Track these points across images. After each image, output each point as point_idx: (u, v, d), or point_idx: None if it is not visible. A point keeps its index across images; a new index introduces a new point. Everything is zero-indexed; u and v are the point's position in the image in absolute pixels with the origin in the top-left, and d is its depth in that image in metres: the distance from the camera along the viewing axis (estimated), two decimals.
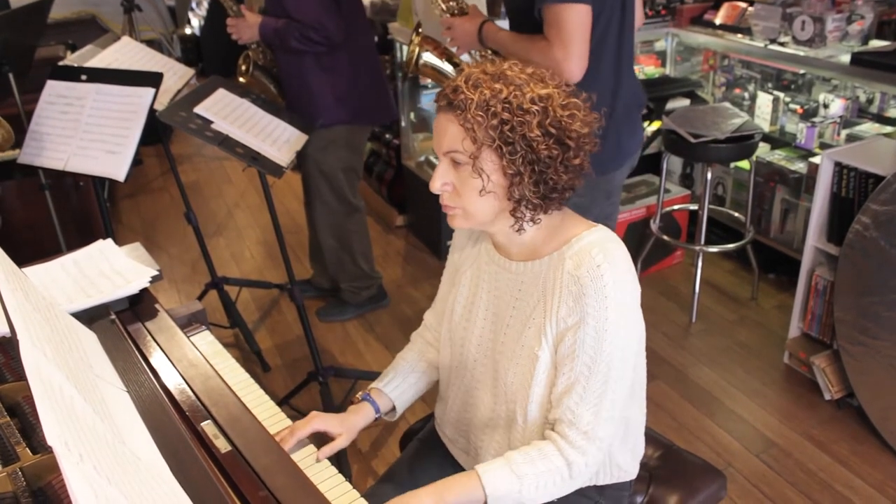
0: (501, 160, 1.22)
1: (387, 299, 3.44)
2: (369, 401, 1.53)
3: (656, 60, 4.16)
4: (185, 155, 5.55)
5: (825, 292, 2.70)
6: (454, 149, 1.24)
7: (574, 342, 1.25)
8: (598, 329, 1.24)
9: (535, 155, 1.21)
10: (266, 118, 2.36)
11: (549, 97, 1.22)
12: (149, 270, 1.66)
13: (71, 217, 3.34)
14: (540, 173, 1.22)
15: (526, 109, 1.19)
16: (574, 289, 1.25)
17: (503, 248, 1.39)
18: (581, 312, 1.24)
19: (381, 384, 1.55)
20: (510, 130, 1.19)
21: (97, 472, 0.79)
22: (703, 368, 2.94)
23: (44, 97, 2.36)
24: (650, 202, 3.56)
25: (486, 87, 1.21)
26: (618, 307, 1.24)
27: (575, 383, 1.27)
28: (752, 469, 2.44)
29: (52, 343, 1.10)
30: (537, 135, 1.20)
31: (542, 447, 1.29)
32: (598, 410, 1.26)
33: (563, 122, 1.22)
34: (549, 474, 1.27)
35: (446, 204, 1.31)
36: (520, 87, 1.21)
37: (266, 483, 1.15)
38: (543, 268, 1.32)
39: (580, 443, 1.27)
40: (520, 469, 1.26)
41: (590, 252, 1.25)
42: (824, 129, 3.33)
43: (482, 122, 1.20)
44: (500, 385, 1.37)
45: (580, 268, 1.24)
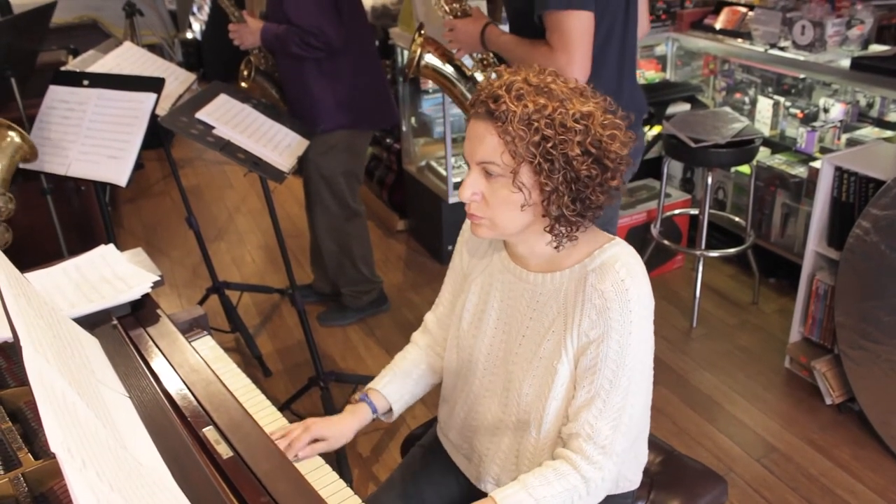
0: (539, 176, 1.19)
1: (387, 304, 3.44)
2: (367, 402, 1.52)
3: (657, 65, 4.17)
4: (187, 159, 5.56)
5: (826, 297, 2.70)
6: (491, 160, 1.21)
7: (596, 356, 1.25)
8: (622, 343, 1.24)
9: (575, 174, 1.19)
10: (267, 123, 2.37)
11: (591, 115, 1.19)
12: (150, 276, 1.66)
13: (72, 221, 3.34)
14: (578, 192, 1.21)
15: (569, 127, 1.17)
16: (598, 302, 1.24)
17: (520, 259, 1.37)
18: (604, 326, 1.24)
19: (380, 385, 1.54)
20: (552, 148, 1.17)
21: (100, 478, 0.79)
22: (703, 373, 2.94)
23: (46, 102, 2.37)
24: (651, 207, 3.56)
25: (529, 99, 1.18)
26: (640, 321, 1.24)
27: (595, 397, 1.26)
28: (754, 474, 2.44)
29: (55, 348, 1.10)
30: (577, 154, 1.18)
31: (556, 467, 1.27)
32: (617, 425, 1.26)
33: (603, 143, 1.20)
34: (566, 493, 1.25)
35: (473, 213, 1.28)
36: (563, 104, 1.19)
37: (268, 489, 1.15)
38: (564, 280, 1.31)
39: (597, 458, 1.25)
40: (537, 492, 1.24)
41: (613, 266, 1.25)
42: (824, 133, 3.34)
43: (524, 136, 1.17)
44: (513, 395, 1.36)
45: (604, 282, 1.24)
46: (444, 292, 1.59)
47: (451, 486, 1.55)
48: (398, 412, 1.56)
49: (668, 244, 3.37)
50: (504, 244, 1.42)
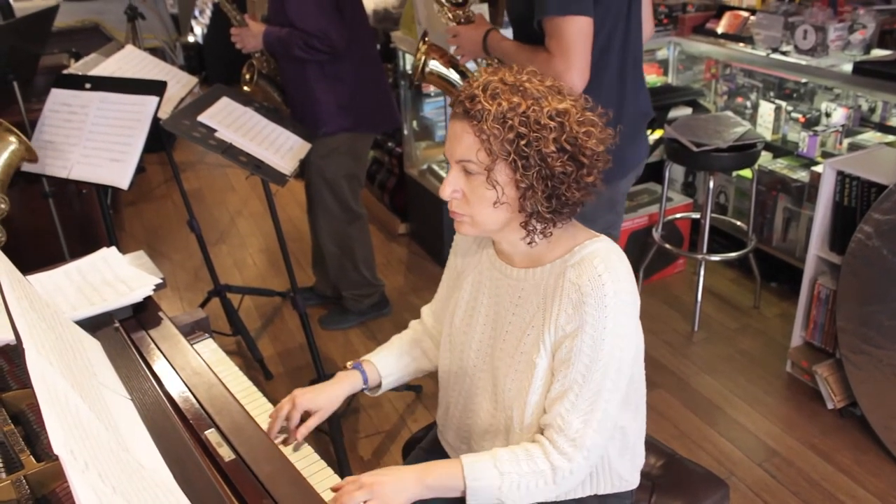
0: (515, 173, 1.22)
1: (389, 307, 3.44)
2: (360, 370, 1.54)
3: (658, 69, 4.17)
4: (189, 162, 5.56)
5: (828, 301, 2.70)
6: (468, 158, 1.24)
7: (570, 349, 1.26)
8: (596, 338, 1.24)
9: (549, 170, 1.21)
10: (269, 126, 2.37)
11: (566, 112, 1.21)
12: (152, 279, 1.66)
13: (74, 224, 3.34)
14: (553, 188, 1.22)
15: (543, 125, 1.19)
16: (574, 297, 1.25)
17: (506, 255, 1.40)
18: (580, 320, 1.24)
19: (375, 358, 1.57)
20: (526, 145, 1.19)
21: (102, 480, 0.79)
22: (704, 377, 2.94)
23: (48, 105, 2.37)
24: (652, 211, 3.56)
25: (504, 98, 1.20)
26: (616, 317, 1.24)
27: (568, 390, 1.27)
28: (755, 478, 2.44)
29: (57, 351, 1.10)
30: (552, 150, 1.20)
31: (529, 449, 1.30)
32: (588, 419, 1.27)
33: (578, 139, 1.22)
34: (532, 476, 1.28)
35: (455, 211, 1.31)
36: (538, 101, 1.21)
37: (270, 491, 1.15)
38: (545, 275, 1.32)
39: (567, 449, 1.27)
40: (503, 466, 1.27)
41: (592, 261, 1.26)
42: (826, 137, 3.34)
43: (498, 134, 1.19)
44: (499, 392, 1.38)
45: (581, 276, 1.25)
46: (441, 288, 1.61)
47: None
48: (386, 387, 1.58)
49: (670, 248, 3.37)
50: (491, 241, 1.43)
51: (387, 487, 1.23)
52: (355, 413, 2.81)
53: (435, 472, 1.29)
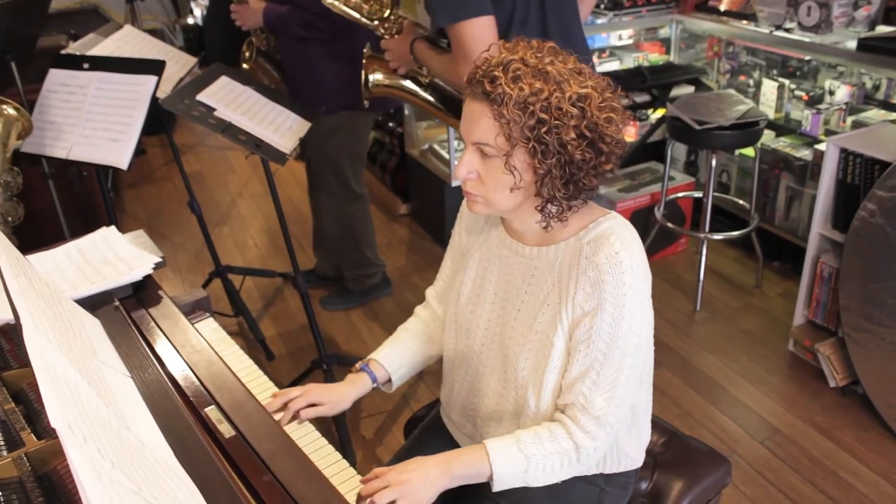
0: (533, 159, 1.19)
1: (390, 287, 3.44)
2: (367, 371, 1.52)
3: (660, 47, 4.14)
4: (189, 145, 5.54)
5: (830, 279, 2.69)
6: (485, 142, 1.21)
7: (590, 328, 1.25)
8: (616, 316, 1.23)
9: (569, 157, 1.18)
10: (269, 105, 2.35)
11: (587, 97, 1.18)
12: (152, 257, 1.66)
13: (75, 206, 3.34)
14: (571, 175, 1.20)
15: (565, 111, 1.16)
16: (592, 275, 1.24)
17: (517, 233, 1.38)
18: (598, 298, 1.23)
19: (380, 356, 1.55)
20: (546, 132, 1.16)
21: (101, 454, 0.79)
22: (707, 356, 2.94)
23: (46, 85, 2.36)
24: (654, 190, 3.55)
25: (526, 82, 1.16)
26: (634, 294, 1.24)
27: (589, 369, 1.26)
28: (757, 456, 2.44)
29: (56, 328, 1.09)
30: (573, 138, 1.17)
31: (552, 429, 1.29)
32: (611, 397, 1.26)
33: (599, 126, 1.19)
34: (556, 456, 1.27)
35: (469, 191, 1.28)
36: (560, 86, 1.17)
37: (270, 468, 1.15)
38: (559, 253, 1.31)
39: (591, 427, 1.27)
40: (528, 449, 1.26)
41: (608, 239, 1.24)
42: (830, 115, 3.32)
43: (519, 120, 1.16)
44: (510, 370, 1.37)
45: (598, 254, 1.24)
46: (444, 268, 1.59)
47: None
48: (397, 383, 1.56)
49: (672, 227, 3.36)
50: (501, 219, 1.42)
51: (415, 485, 1.22)
52: None
53: (460, 462, 1.27)
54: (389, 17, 2.13)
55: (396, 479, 1.21)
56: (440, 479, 1.25)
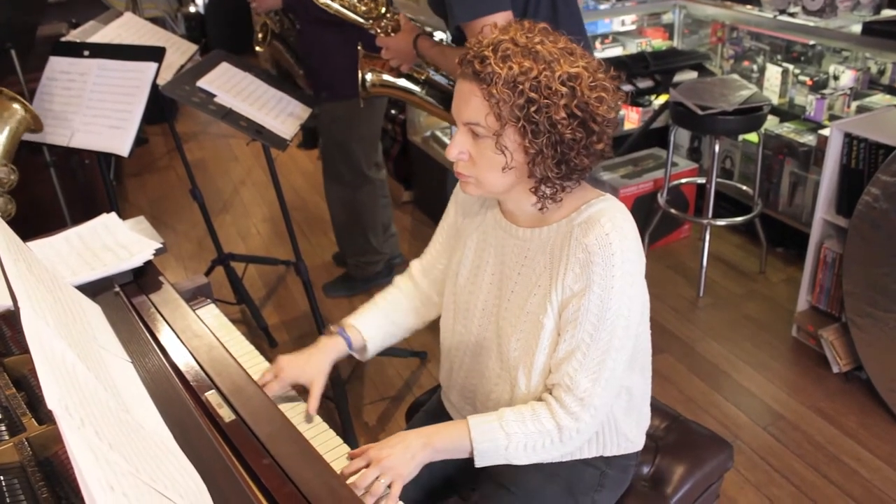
0: (524, 139, 1.19)
1: (392, 276, 3.43)
2: (343, 335, 1.52)
3: (664, 33, 4.12)
4: (191, 133, 5.53)
5: (834, 265, 2.68)
6: (475, 121, 1.21)
7: (578, 309, 1.25)
8: (603, 297, 1.23)
9: (559, 137, 1.18)
10: (269, 92, 2.35)
11: (578, 76, 1.18)
12: (152, 243, 1.65)
13: (76, 195, 3.33)
14: (562, 154, 1.20)
15: (554, 90, 1.16)
16: (582, 256, 1.24)
17: (511, 215, 1.38)
18: (587, 280, 1.23)
19: (357, 320, 1.55)
20: (536, 111, 1.16)
21: (99, 437, 0.79)
22: (710, 342, 2.93)
23: (47, 73, 2.35)
24: (657, 176, 3.53)
25: (515, 61, 1.16)
26: (623, 276, 1.23)
27: (576, 350, 1.26)
28: (760, 442, 2.44)
29: (55, 313, 1.09)
30: (563, 117, 1.17)
31: (535, 408, 1.30)
32: (597, 378, 1.26)
33: (590, 105, 1.19)
34: (538, 436, 1.28)
35: (461, 172, 1.29)
36: (550, 65, 1.17)
37: (270, 451, 1.15)
38: (551, 235, 1.31)
39: (574, 408, 1.27)
40: (509, 426, 1.28)
41: (599, 220, 1.24)
42: (834, 101, 3.30)
43: (508, 99, 1.16)
44: (504, 351, 1.37)
45: (588, 235, 1.23)
46: (434, 242, 1.60)
47: None
48: (373, 352, 1.56)
49: (675, 213, 3.35)
50: (496, 201, 1.41)
51: (395, 458, 1.23)
52: (359, 380, 2.82)
53: (442, 436, 1.29)
54: (385, 15, 2.10)
55: (377, 455, 1.23)
56: (422, 452, 1.26)
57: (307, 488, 1.08)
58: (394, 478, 1.22)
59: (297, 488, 1.08)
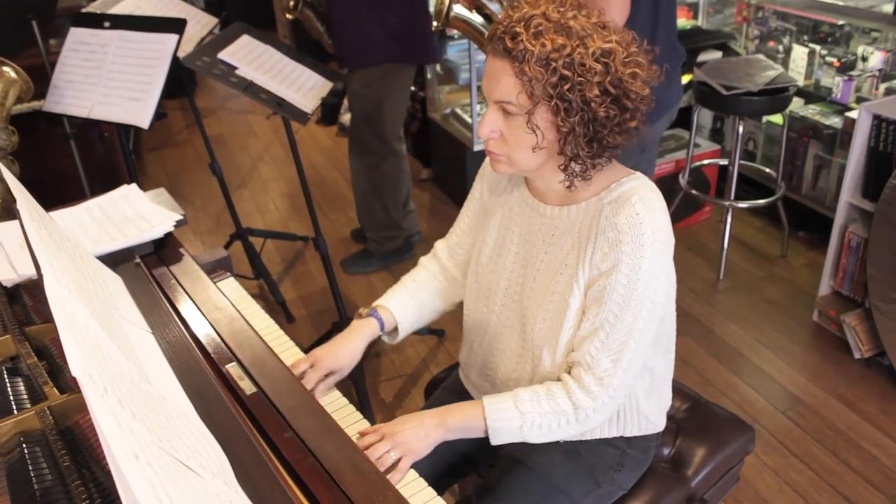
0: (556, 117, 1.17)
1: (412, 252, 3.43)
2: (375, 317, 1.50)
3: (688, 12, 4.06)
4: (210, 108, 5.53)
5: (858, 249, 2.64)
6: (507, 100, 1.18)
7: (604, 288, 1.23)
8: (631, 277, 1.21)
9: (592, 115, 1.15)
10: (291, 65, 2.32)
11: (611, 52, 1.15)
12: (173, 215, 1.65)
13: (96, 168, 3.34)
14: (595, 132, 1.17)
15: (588, 67, 1.13)
16: (611, 235, 1.22)
17: (539, 192, 1.36)
18: (615, 259, 1.21)
19: (388, 302, 1.53)
20: (569, 89, 1.13)
21: (122, 405, 0.78)
22: (730, 325, 2.91)
23: (67, 45, 2.34)
24: (679, 156, 3.49)
25: (548, 37, 1.13)
26: (652, 257, 1.21)
27: (599, 329, 1.25)
28: (779, 426, 2.42)
29: (77, 282, 1.09)
30: (596, 94, 1.14)
31: (551, 388, 1.28)
32: (618, 359, 1.25)
33: (623, 82, 1.16)
34: (553, 416, 1.27)
35: (492, 150, 1.26)
36: (583, 41, 1.14)
37: (291, 424, 1.14)
38: (580, 213, 1.29)
39: (593, 388, 1.26)
40: (524, 406, 1.27)
41: (629, 199, 1.22)
42: (862, 82, 3.24)
43: (541, 78, 1.13)
44: (528, 330, 1.35)
45: (618, 215, 1.21)
46: (460, 222, 1.57)
47: None
48: (403, 334, 1.54)
49: (697, 194, 3.31)
50: (524, 179, 1.39)
51: (408, 434, 1.23)
52: (377, 357, 2.81)
53: (456, 415, 1.29)
54: None
55: (390, 430, 1.23)
56: (436, 431, 1.26)
57: (329, 462, 1.07)
58: (405, 452, 1.22)
59: (318, 461, 1.08)
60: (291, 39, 5.74)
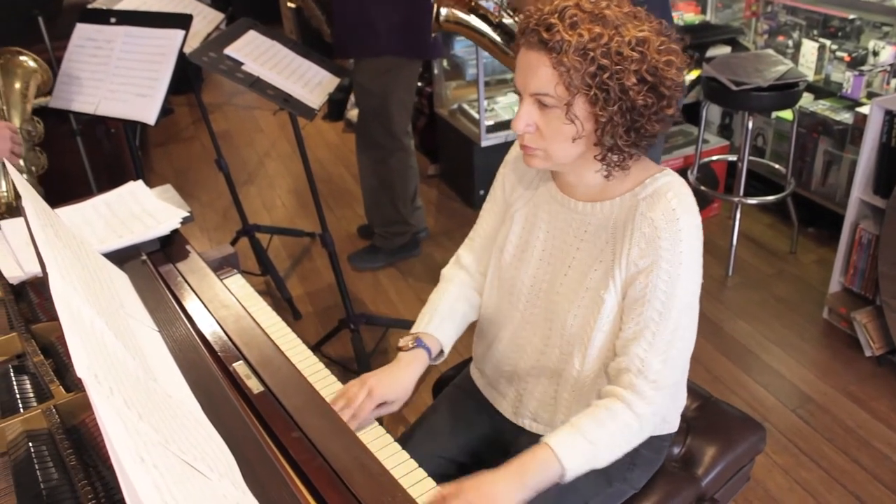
0: (594, 107, 1.15)
1: (419, 249, 3.42)
2: (423, 347, 1.41)
3: (696, 7, 4.03)
4: (216, 104, 5.52)
5: (869, 246, 2.62)
6: (544, 92, 1.16)
7: (646, 286, 1.22)
8: (672, 274, 1.20)
9: (631, 103, 1.14)
10: (297, 60, 2.31)
11: (646, 41, 1.14)
12: (179, 212, 1.64)
13: (103, 164, 3.33)
14: (633, 121, 1.16)
15: (625, 56, 1.12)
16: (647, 231, 1.21)
17: (569, 188, 1.34)
18: (654, 255, 1.20)
19: (430, 328, 1.44)
20: (608, 78, 1.12)
21: (128, 406, 0.77)
22: (738, 322, 2.89)
23: (73, 40, 2.33)
24: (688, 152, 3.47)
25: (584, 27, 1.12)
26: (690, 252, 1.21)
27: (644, 329, 1.23)
28: (788, 424, 2.40)
29: (83, 280, 1.08)
30: (634, 83, 1.13)
31: (609, 406, 1.23)
32: (667, 359, 1.23)
33: (659, 69, 1.15)
34: (620, 433, 1.22)
35: (527, 145, 1.24)
36: (618, 30, 1.13)
37: (299, 424, 1.13)
38: (614, 209, 1.27)
39: (649, 393, 1.22)
40: (591, 435, 1.20)
41: (665, 195, 1.21)
42: (873, 77, 3.21)
43: (580, 68, 1.12)
44: (556, 327, 1.33)
45: (655, 210, 1.20)
46: (482, 225, 1.53)
47: (484, 424, 1.53)
48: (446, 354, 1.48)
49: (705, 190, 3.29)
50: (551, 174, 1.37)
51: None
52: (384, 354, 2.80)
53: (531, 470, 1.18)
54: None
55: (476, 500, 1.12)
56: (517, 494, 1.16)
57: (337, 462, 1.06)
58: None
59: (326, 462, 1.07)
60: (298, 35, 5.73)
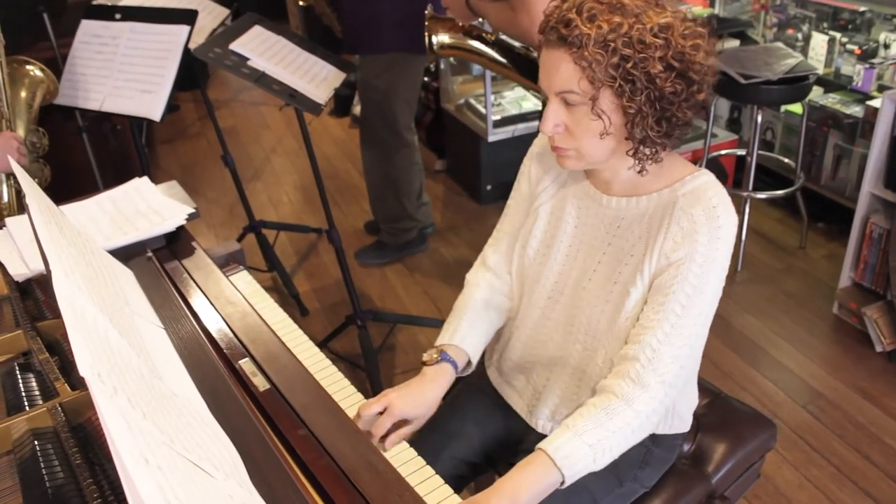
0: (621, 99, 1.13)
1: (426, 245, 3.40)
2: (448, 360, 1.37)
3: (704, 0, 4.00)
4: (223, 100, 5.51)
5: (880, 240, 2.60)
6: (568, 89, 1.14)
7: (674, 277, 1.19)
8: (704, 269, 1.18)
9: (659, 92, 1.11)
10: (303, 55, 2.30)
11: (669, 26, 1.11)
12: (185, 208, 1.63)
13: (109, 161, 3.33)
14: (663, 110, 1.13)
15: (648, 43, 1.09)
16: (685, 225, 1.19)
17: (602, 184, 1.31)
18: (689, 249, 1.18)
19: (456, 339, 1.39)
20: (632, 68, 1.10)
21: (132, 405, 0.76)
22: (748, 317, 2.87)
23: (78, 37, 2.33)
24: (696, 147, 3.45)
25: (603, 19, 1.10)
26: (725, 253, 1.20)
27: (663, 321, 1.20)
28: (798, 420, 2.38)
29: (87, 277, 1.07)
30: (660, 70, 1.10)
31: (607, 406, 1.20)
32: (678, 355, 1.20)
33: (686, 55, 1.12)
34: (619, 432, 1.19)
35: (558, 146, 1.22)
36: (639, 18, 1.10)
37: (305, 422, 1.12)
38: (651, 205, 1.25)
39: (653, 387, 1.19)
40: (590, 437, 1.16)
41: (706, 193, 1.20)
42: (884, 70, 3.18)
43: (602, 60, 1.09)
44: (581, 323, 1.31)
45: (695, 206, 1.19)
46: (508, 223, 1.47)
47: (496, 423, 1.51)
48: (475, 365, 1.44)
49: None
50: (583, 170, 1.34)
51: None
52: (392, 350, 2.80)
53: (527, 482, 1.13)
54: None
55: None
56: None
57: (344, 461, 1.05)
58: None
59: (333, 460, 1.06)
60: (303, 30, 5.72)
